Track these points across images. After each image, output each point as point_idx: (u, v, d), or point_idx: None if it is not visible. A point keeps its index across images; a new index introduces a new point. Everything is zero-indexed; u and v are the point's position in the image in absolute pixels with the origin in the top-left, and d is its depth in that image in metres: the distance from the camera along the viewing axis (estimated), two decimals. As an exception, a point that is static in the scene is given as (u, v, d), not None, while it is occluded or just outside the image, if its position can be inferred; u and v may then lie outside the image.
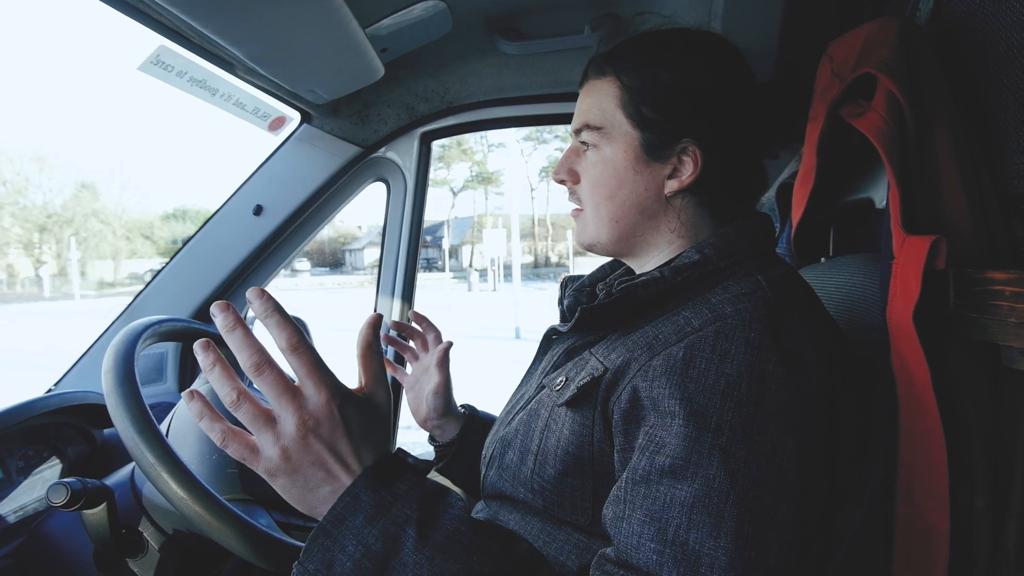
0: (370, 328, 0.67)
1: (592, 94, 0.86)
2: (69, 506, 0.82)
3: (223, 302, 0.62)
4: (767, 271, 0.79)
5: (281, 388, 0.60)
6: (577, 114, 0.88)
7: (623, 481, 0.68)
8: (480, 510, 0.97)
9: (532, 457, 0.81)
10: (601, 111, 0.84)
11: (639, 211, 0.85)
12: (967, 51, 0.81)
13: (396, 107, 1.70)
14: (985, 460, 0.73)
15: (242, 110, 1.45)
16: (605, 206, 0.86)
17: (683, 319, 0.74)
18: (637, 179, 0.83)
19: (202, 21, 1.02)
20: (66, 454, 1.21)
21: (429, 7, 1.31)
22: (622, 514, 0.66)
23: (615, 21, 1.43)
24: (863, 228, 1.17)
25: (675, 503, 0.63)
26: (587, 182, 0.87)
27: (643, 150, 0.82)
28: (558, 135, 41.02)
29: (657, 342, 0.73)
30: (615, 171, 0.84)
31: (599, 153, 0.85)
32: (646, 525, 0.64)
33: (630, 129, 0.82)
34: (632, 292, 0.79)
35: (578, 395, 0.76)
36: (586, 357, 0.81)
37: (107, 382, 0.84)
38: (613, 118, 0.83)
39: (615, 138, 0.84)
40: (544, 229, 44.99)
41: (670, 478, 0.64)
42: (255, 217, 1.65)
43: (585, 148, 0.87)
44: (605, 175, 0.85)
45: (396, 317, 1.82)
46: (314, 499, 0.62)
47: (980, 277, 0.70)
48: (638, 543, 0.64)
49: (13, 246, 38.70)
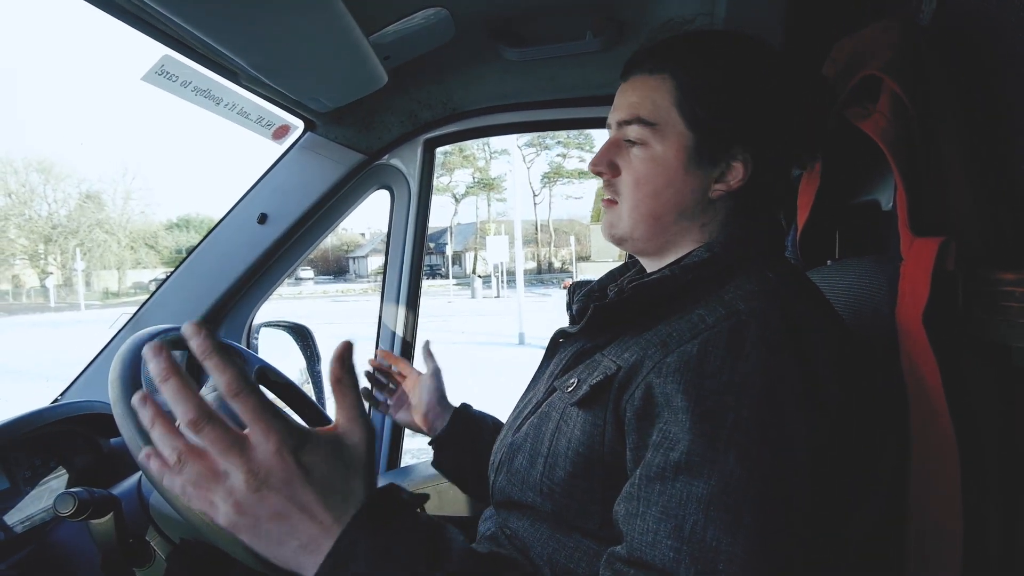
0: (338, 362, 0.59)
1: (642, 89, 0.83)
2: (76, 516, 0.82)
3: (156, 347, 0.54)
4: (777, 269, 0.79)
5: (226, 444, 0.55)
6: (624, 107, 0.85)
7: (636, 478, 0.67)
8: (489, 517, 0.96)
9: (542, 460, 0.80)
10: (655, 107, 0.82)
11: (679, 211, 0.83)
12: (971, 51, 0.81)
13: (399, 114, 1.71)
14: (997, 461, 0.72)
15: (246, 119, 1.45)
16: (646, 203, 0.84)
17: (697, 316, 0.73)
18: (685, 180, 0.82)
19: (206, 31, 1.02)
20: (73, 464, 1.21)
21: (431, 14, 1.31)
22: (635, 511, 0.65)
23: (617, 26, 1.43)
24: (869, 230, 1.16)
25: (692, 499, 0.62)
26: (630, 177, 0.84)
27: (695, 152, 0.81)
28: (560, 141, 41.15)
29: (671, 340, 0.73)
30: (664, 170, 0.82)
31: (648, 150, 0.83)
32: (662, 522, 0.63)
33: (684, 129, 0.81)
34: (642, 290, 0.79)
35: (590, 394, 0.76)
36: (598, 359, 0.81)
37: (114, 391, 0.85)
38: (668, 116, 0.81)
39: (667, 136, 0.81)
40: (547, 235, 45.03)
41: (686, 474, 0.64)
42: (259, 226, 1.65)
43: (630, 144, 0.84)
44: (653, 173, 0.83)
45: (401, 324, 1.82)
46: (285, 553, 0.56)
47: (990, 278, 0.69)
48: (654, 540, 0.63)
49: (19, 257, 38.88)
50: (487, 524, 0.95)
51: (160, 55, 1.19)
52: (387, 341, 1.83)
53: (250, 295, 1.71)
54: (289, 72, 1.28)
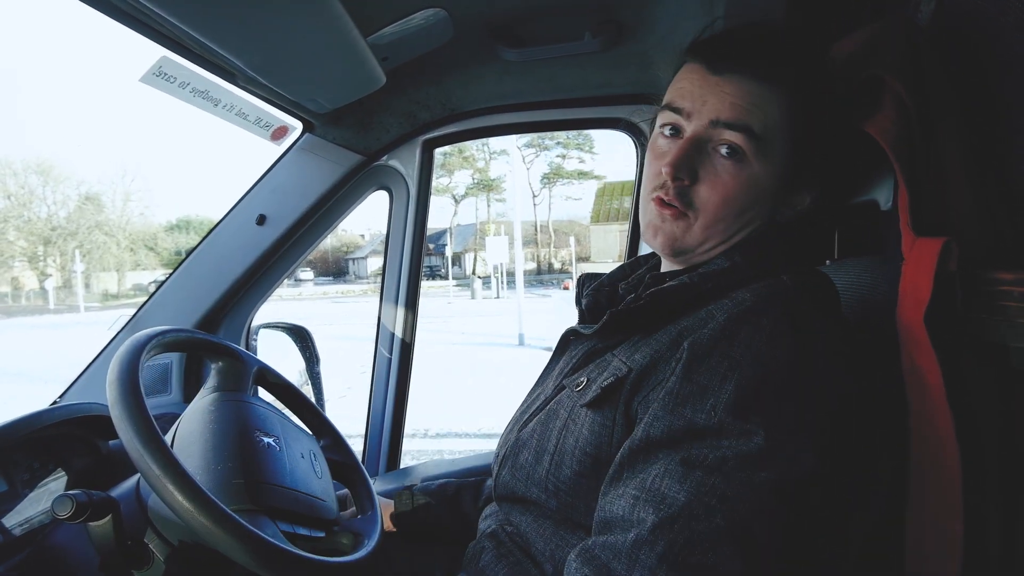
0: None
1: (751, 96, 0.74)
2: (74, 518, 0.82)
3: None
4: (796, 276, 0.77)
5: None
6: (727, 108, 0.74)
7: (617, 458, 0.71)
8: (489, 515, 0.96)
9: (548, 457, 0.80)
10: (766, 120, 0.73)
11: (751, 229, 0.79)
12: (970, 51, 0.80)
13: (398, 115, 1.70)
14: (997, 462, 0.72)
15: (244, 120, 1.45)
16: (727, 222, 0.78)
17: (707, 312, 0.73)
18: (772, 203, 0.78)
19: (204, 32, 1.02)
20: (72, 466, 1.20)
21: (430, 15, 1.31)
22: (614, 487, 0.70)
23: (616, 27, 1.43)
24: (868, 230, 1.16)
25: (658, 466, 0.66)
26: (715, 193, 0.76)
27: (791, 177, 0.76)
28: (559, 141, 41.15)
29: (681, 337, 0.73)
30: (757, 191, 0.76)
31: (746, 166, 0.75)
32: (630, 486, 0.67)
33: (790, 151, 0.75)
34: (660, 297, 0.78)
35: (601, 396, 0.76)
36: (608, 359, 0.80)
37: (112, 393, 0.84)
38: (776, 134, 0.74)
39: (770, 155, 0.74)
40: (547, 236, 45.00)
41: (661, 449, 0.67)
42: (258, 227, 1.65)
43: (724, 152, 0.75)
44: (746, 194, 0.76)
45: (400, 325, 1.81)
46: None
47: (988, 278, 0.69)
48: (621, 495, 0.67)
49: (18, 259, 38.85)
50: (488, 522, 0.95)
51: (158, 56, 1.18)
52: (386, 342, 1.83)
53: (249, 296, 1.71)
54: (287, 73, 1.28)
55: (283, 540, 0.85)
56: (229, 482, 0.90)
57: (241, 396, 1.05)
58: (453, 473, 1.64)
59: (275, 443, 0.99)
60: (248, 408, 1.02)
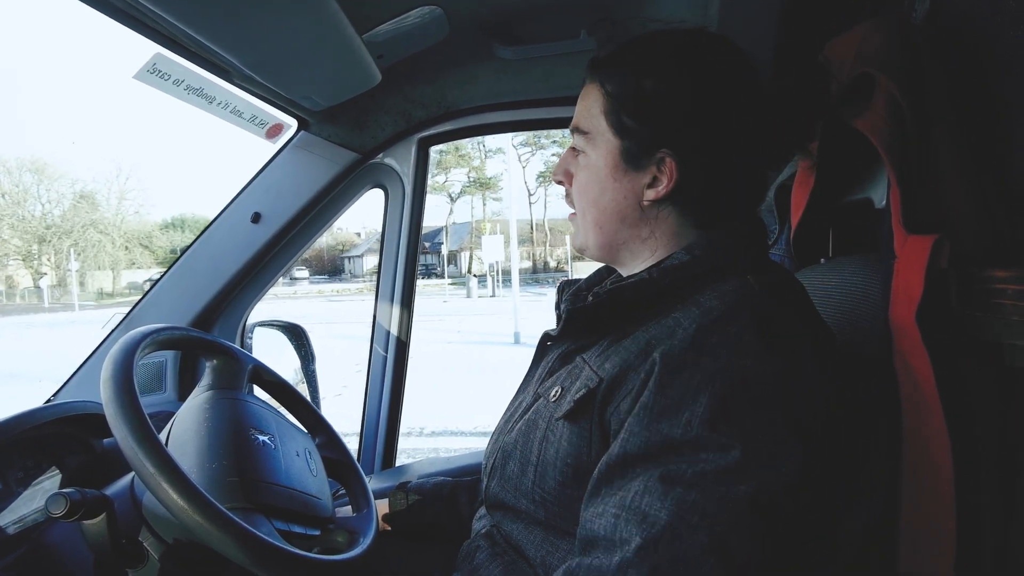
0: None
1: (584, 98, 0.86)
2: (68, 517, 0.82)
3: None
4: (759, 274, 0.78)
5: None
6: (574, 116, 0.88)
7: (595, 473, 0.72)
8: (482, 517, 0.96)
9: (532, 468, 0.81)
10: (589, 116, 0.85)
11: (619, 219, 0.85)
12: (965, 49, 0.81)
13: (393, 113, 1.70)
14: (991, 460, 0.73)
15: (239, 118, 1.45)
16: (590, 211, 0.86)
17: (673, 320, 0.74)
18: (616, 187, 0.83)
19: (198, 29, 1.01)
20: (66, 464, 1.20)
21: (425, 13, 1.31)
22: (593, 502, 0.71)
23: (611, 25, 1.43)
24: (862, 229, 1.16)
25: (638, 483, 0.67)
26: (576, 186, 0.88)
27: (622, 158, 0.82)
28: (555, 140, 41.08)
29: (650, 346, 0.73)
30: (597, 177, 0.85)
31: (586, 158, 0.86)
32: (609, 504, 0.68)
33: (612, 136, 0.83)
34: (619, 293, 0.80)
35: (575, 408, 0.77)
36: (579, 364, 0.82)
37: (106, 391, 0.84)
38: (598, 124, 0.84)
39: (599, 144, 0.84)
40: (542, 234, 45.00)
41: (636, 466, 0.68)
42: (253, 225, 1.65)
43: (575, 153, 0.88)
44: (589, 180, 0.86)
45: (396, 323, 1.81)
46: None
47: (982, 275, 0.70)
48: (601, 512, 0.68)
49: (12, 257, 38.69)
50: (482, 523, 0.96)
51: (152, 53, 1.18)
52: (382, 341, 1.83)
53: (244, 294, 1.70)
54: (282, 70, 1.28)
55: (278, 538, 0.85)
56: (224, 480, 0.89)
57: (236, 394, 1.04)
58: (448, 471, 1.64)
59: (270, 441, 0.98)
60: (243, 406, 1.02)
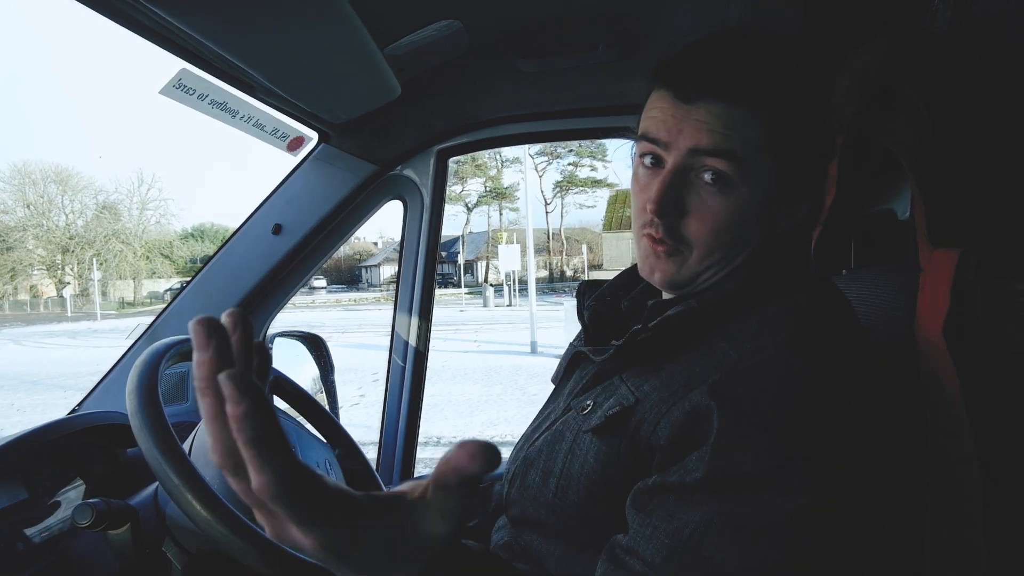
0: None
1: (726, 119, 0.70)
2: (94, 527, 0.83)
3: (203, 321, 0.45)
4: (805, 294, 0.74)
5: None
6: (701, 136, 0.70)
7: (652, 482, 0.67)
8: (501, 526, 0.96)
9: (555, 480, 0.78)
10: (745, 142, 0.70)
11: (750, 251, 0.76)
12: (988, 60, 0.80)
13: (413, 125, 1.71)
14: (1018, 473, 0.71)
15: (261, 131, 1.46)
16: (722, 250, 0.74)
17: (720, 351, 0.69)
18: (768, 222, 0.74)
19: (223, 45, 1.03)
20: (90, 474, 1.21)
21: (445, 26, 1.32)
22: (644, 512, 0.66)
23: (631, 37, 1.43)
24: (885, 240, 1.15)
25: (696, 515, 0.62)
26: (705, 225, 0.73)
27: (780, 193, 0.73)
28: (572, 149, 41.20)
29: (694, 376, 0.69)
30: (747, 215, 0.72)
31: (732, 192, 0.71)
32: (662, 525, 0.63)
33: (773, 170, 0.72)
34: (666, 327, 0.74)
35: (605, 424, 0.74)
36: (616, 383, 0.78)
37: (131, 402, 0.85)
38: (758, 155, 0.70)
39: (754, 176, 0.71)
40: (559, 243, 45.00)
41: (700, 495, 0.63)
42: (274, 236, 1.66)
43: (708, 179, 0.71)
44: (737, 220, 0.72)
45: (414, 334, 1.82)
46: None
47: (1010, 288, 0.69)
48: (652, 534, 0.63)
49: (37, 267, 39.38)
50: (501, 533, 0.95)
51: (178, 69, 1.20)
52: (400, 351, 1.83)
53: (264, 305, 1.72)
54: (304, 85, 1.30)
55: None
56: (246, 491, 0.90)
57: (258, 405, 1.05)
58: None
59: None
60: (264, 417, 1.02)
